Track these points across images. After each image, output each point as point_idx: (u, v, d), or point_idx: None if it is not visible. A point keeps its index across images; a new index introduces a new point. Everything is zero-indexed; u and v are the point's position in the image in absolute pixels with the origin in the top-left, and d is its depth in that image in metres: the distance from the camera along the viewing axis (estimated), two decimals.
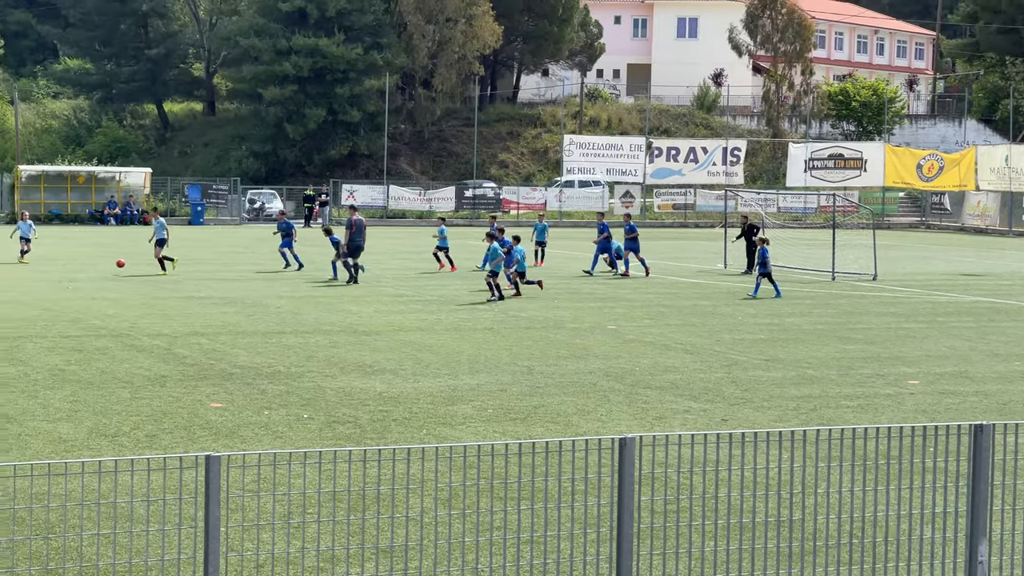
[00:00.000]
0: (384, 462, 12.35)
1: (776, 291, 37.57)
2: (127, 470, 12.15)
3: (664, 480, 13.58)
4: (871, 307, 35.43)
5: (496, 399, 20.38)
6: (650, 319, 31.79)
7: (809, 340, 28.26)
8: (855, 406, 20.35)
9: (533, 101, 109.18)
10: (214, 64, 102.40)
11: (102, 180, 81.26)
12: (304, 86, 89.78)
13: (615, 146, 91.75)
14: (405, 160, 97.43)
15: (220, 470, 8.27)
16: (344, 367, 23.40)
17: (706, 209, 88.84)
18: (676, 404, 20.24)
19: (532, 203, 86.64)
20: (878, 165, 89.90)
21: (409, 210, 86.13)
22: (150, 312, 31.44)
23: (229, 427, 17.86)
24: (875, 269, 44.50)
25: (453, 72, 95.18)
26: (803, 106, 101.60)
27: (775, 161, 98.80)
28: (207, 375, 22.23)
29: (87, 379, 21.54)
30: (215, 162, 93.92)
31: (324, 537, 11.75)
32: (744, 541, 11.25)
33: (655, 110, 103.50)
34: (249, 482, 13.98)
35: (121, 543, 11.15)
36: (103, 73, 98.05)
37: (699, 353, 25.95)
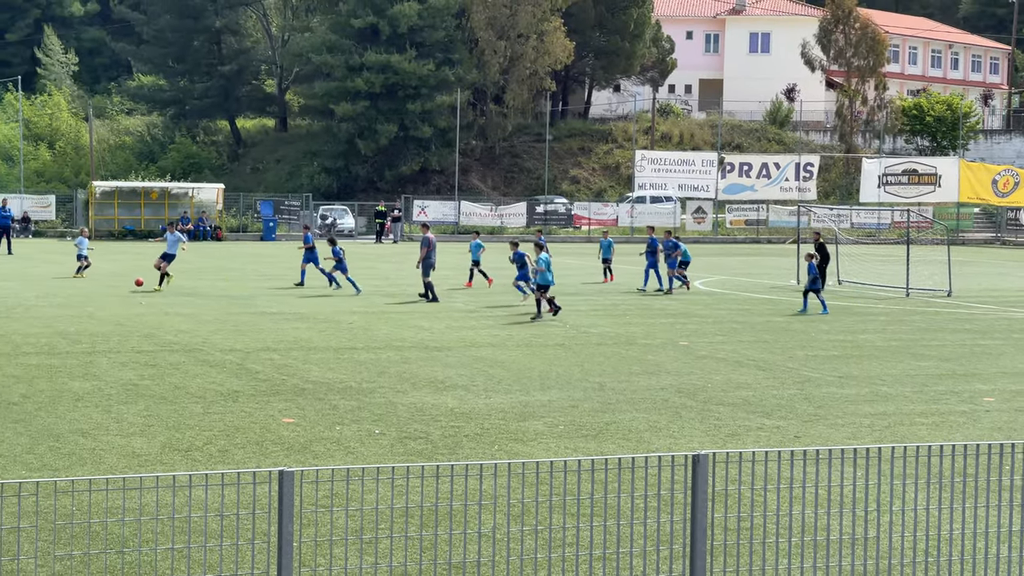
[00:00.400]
0: (456, 478, 12.34)
1: (823, 307, 37.23)
2: (201, 484, 12.23)
3: (737, 497, 13.49)
4: (946, 324, 35.08)
5: (568, 415, 20.33)
6: (722, 335, 31.63)
7: (883, 357, 28.00)
8: (930, 423, 20.14)
9: (605, 116, 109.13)
10: (286, 80, 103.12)
11: (175, 196, 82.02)
12: (376, 102, 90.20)
13: (687, 161, 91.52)
14: (476, 176, 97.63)
15: (293, 485, 8.29)
16: (416, 383, 23.43)
17: (779, 225, 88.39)
18: (749, 421, 20.10)
19: (603, 219, 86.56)
20: (952, 181, 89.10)
21: (481, 226, 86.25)
22: (223, 327, 31.65)
23: (301, 442, 17.91)
24: (950, 285, 44.06)
25: (524, 88, 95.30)
26: (877, 121, 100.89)
27: (848, 176, 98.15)
28: (279, 390, 22.33)
29: (160, 394, 21.70)
30: (287, 178, 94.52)
31: (396, 553, 11.76)
32: (818, 559, 11.16)
33: (727, 125, 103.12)
34: (321, 497, 14.02)
35: (195, 558, 11.21)
36: (176, 89, 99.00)
37: (772, 370, 25.78)
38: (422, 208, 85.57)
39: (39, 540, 12.41)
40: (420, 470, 11.90)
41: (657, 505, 11.26)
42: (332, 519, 11.19)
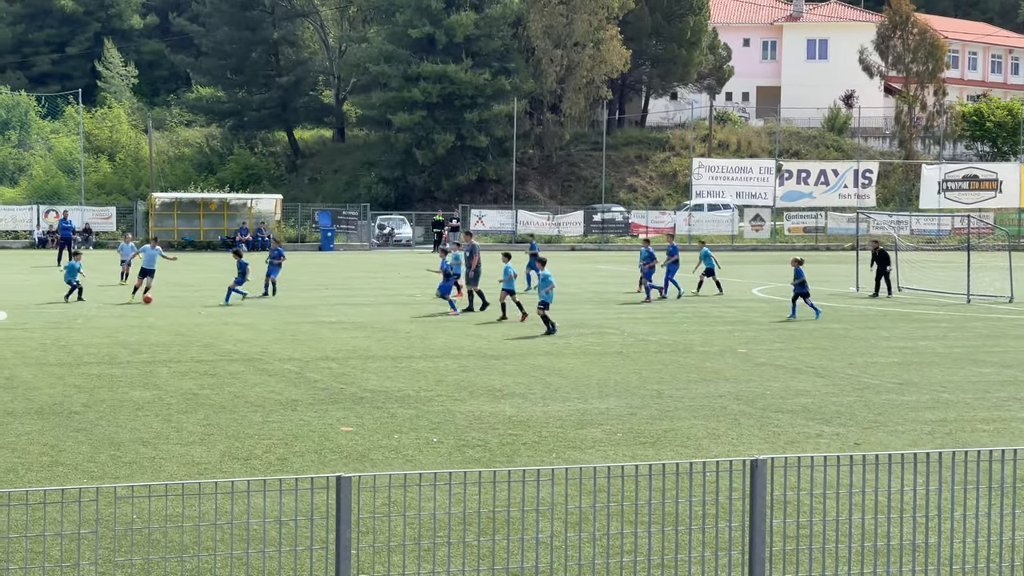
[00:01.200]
0: (514, 485, 12.34)
1: (816, 312, 36.86)
2: (259, 491, 12.27)
3: (796, 504, 13.40)
4: (1007, 330, 34.76)
5: (626, 423, 20.28)
6: (780, 342, 31.48)
7: (944, 363, 27.78)
8: (991, 430, 19.95)
9: (662, 125, 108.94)
10: (343, 91, 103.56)
11: (234, 207, 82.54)
12: (432, 112, 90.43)
13: (744, 169, 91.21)
14: (533, 185, 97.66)
15: (351, 491, 8.31)
16: (473, 391, 23.44)
17: (837, 232, 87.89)
18: (808, 428, 19.98)
19: (661, 227, 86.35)
20: (1014, 186, 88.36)
21: (538, 235, 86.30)
22: (281, 337, 31.80)
23: (360, 451, 17.96)
24: (1011, 291, 43.67)
25: (581, 96, 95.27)
26: (936, 127, 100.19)
27: (908, 183, 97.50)
28: (338, 399, 22.40)
29: (220, 403, 21.82)
30: (345, 188, 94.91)
31: (454, 560, 11.76)
32: (879, 567, 11.07)
33: (785, 132, 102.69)
34: (379, 505, 14.05)
35: (254, 565, 11.26)
36: (235, 101, 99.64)
37: (831, 376, 25.63)
38: (479, 217, 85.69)
39: (100, 548, 12.50)
40: (478, 476, 11.90)
41: (716, 512, 11.20)
42: (390, 526, 11.23)
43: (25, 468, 16.57)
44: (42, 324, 34.14)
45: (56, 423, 19.75)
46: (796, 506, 13.60)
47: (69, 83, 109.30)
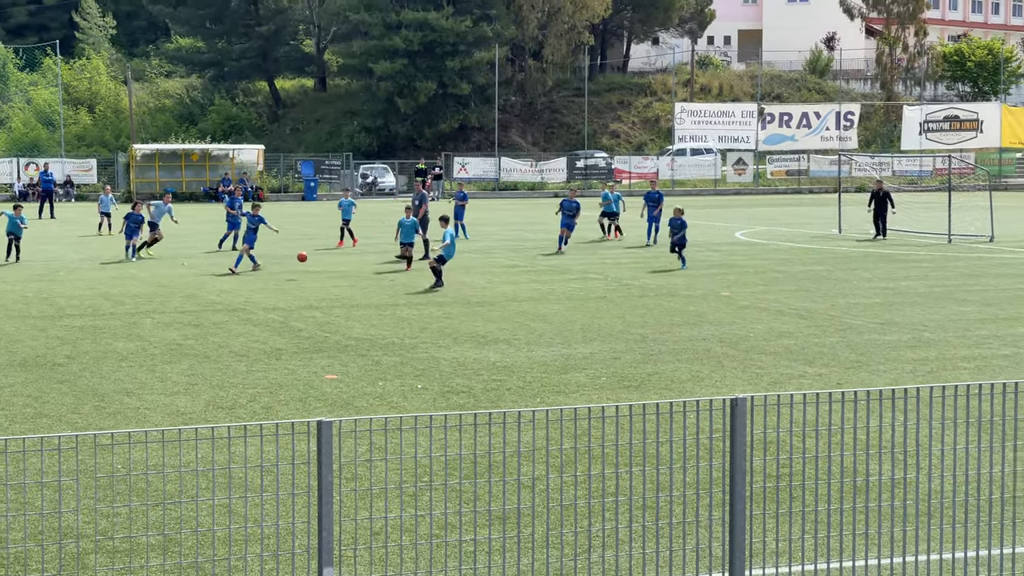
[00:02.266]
0: (496, 428, 12.39)
1: (682, 263, 35.61)
2: (240, 437, 12.32)
3: (777, 443, 13.49)
4: (988, 269, 34.88)
5: (610, 367, 20.35)
6: (764, 285, 31.56)
7: (925, 303, 27.89)
8: (972, 368, 20.06)
9: (643, 70, 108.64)
10: (324, 40, 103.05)
11: (216, 158, 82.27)
12: (414, 60, 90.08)
13: (727, 113, 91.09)
14: (516, 132, 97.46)
15: (332, 436, 8.35)
16: (458, 338, 23.49)
17: (820, 175, 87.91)
18: (791, 369, 20.08)
19: (644, 172, 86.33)
20: (994, 126, 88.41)
21: (521, 182, 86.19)
22: (265, 287, 31.80)
23: (344, 398, 18.01)
24: (992, 230, 43.81)
25: (563, 42, 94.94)
26: (917, 68, 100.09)
27: (889, 124, 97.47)
28: (322, 347, 22.44)
29: (204, 353, 21.85)
30: (327, 138, 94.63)
31: (438, 504, 11.83)
32: (859, 502, 11.16)
33: (767, 76, 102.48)
34: (364, 451, 14.11)
35: (237, 511, 11.32)
36: (214, 51, 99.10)
37: (814, 318, 25.72)
38: (462, 165, 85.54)
39: (84, 497, 12.55)
40: (459, 419, 11.96)
41: (697, 452, 11.28)
42: (371, 472, 11.26)
43: (9, 420, 16.60)
44: (24, 277, 34.08)
45: (39, 375, 19.76)
46: (776, 445, 13.69)
47: (47, 35, 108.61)
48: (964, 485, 10.85)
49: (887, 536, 10.56)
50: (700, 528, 11.19)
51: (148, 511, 12.09)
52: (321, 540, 8.47)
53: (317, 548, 8.47)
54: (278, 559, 10.54)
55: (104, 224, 49.48)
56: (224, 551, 11.03)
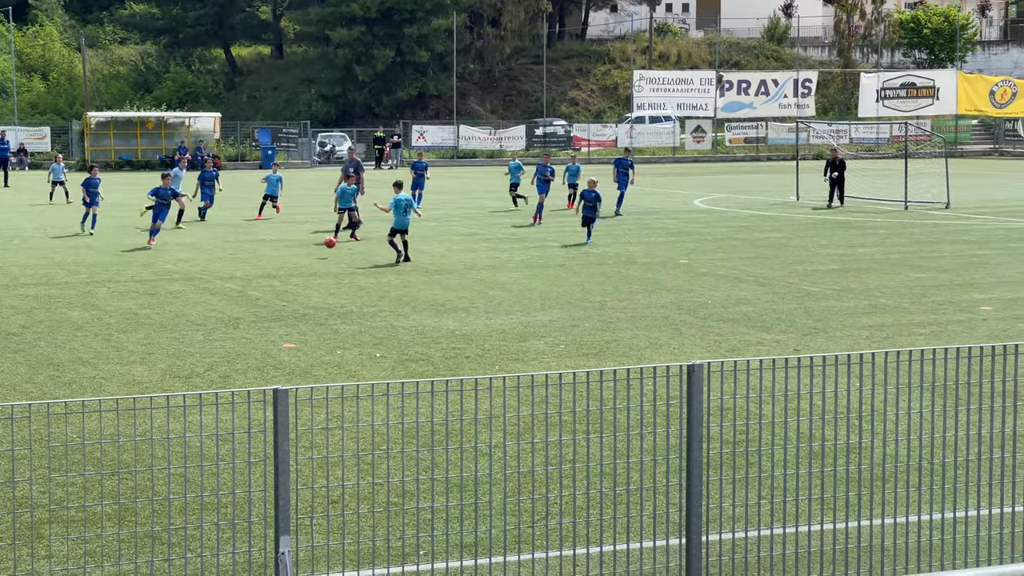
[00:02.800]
0: (453, 396, 12.39)
1: (588, 237, 33.96)
2: (196, 406, 12.26)
3: (734, 409, 13.54)
4: (944, 235, 35.08)
5: (568, 335, 20.38)
6: (722, 252, 31.65)
7: (882, 269, 28.03)
8: (928, 333, 20.20)
9: (602, 37, 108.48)
10: (281, 7, 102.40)
11: (171, 126, 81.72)
12: (372, 27, 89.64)
13: (685, 81, 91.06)
14: (475, 100, 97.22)
15: (288, 404, 8.32)
16: (416, 306, 23.47)
17: (778, 142, 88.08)
18: (749, 336, 20.16)
19: (603, 140, 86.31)
20: (951, 93, 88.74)
21: (479, 150, 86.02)
22: (222, 256, 31.66)
23: (303, 367, 17.98)
24: (948, 197, 44.05)
25: (521, 9, 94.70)
26: (874, 35, 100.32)
27: (847, 92, 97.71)
28: (280, 316, 22.37)
29: (160, 322, 21.74)
30: (284, 106, 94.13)
31: (396, 472, 11.82)
32: (815, 467, 11.22)
33: (725, 43, 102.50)
34: (321, 420, 14.09)
35: (193, 480, 11.28)
36: (169, 17, 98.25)
37: (771, 285, 25.82)
38: (421, 133, 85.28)
39: (39, 466, 12.48)
40: (416, 387, 11.95)
41: (654, 418, 11.30)
42: (328, 440, 11.23)
43: None
44: None
45: None
46: (734, 411, 13.75)
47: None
48: (919, 449, 10.94)
49: (843, 500, 10.63)
50: (658, 494, 11.23)
51: (103, 481, 12.04)
52: (278, 509, 8.44)
53: (274, 517, 8.44)
54: (235, 528, 10.52)
55: (58, 192, 49.23)
56: (180, 520, 11.00)
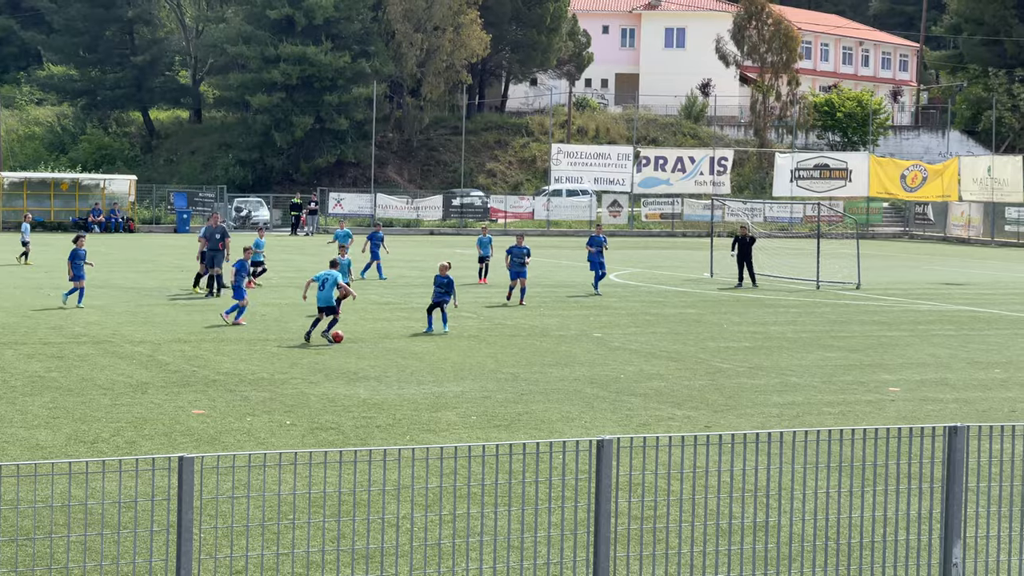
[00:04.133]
0: (362, 464, 12.30)
1: (444, 324, 30.33)
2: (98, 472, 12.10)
3: (643, 485, 13.55)
4: (854, 315, 35.47)
5: (480, 406, 20.34)
6: (636, 327, 31.78)
7: (793, 348, 28.26)
8: (837, 413, 20.36)
9: (521, 110, 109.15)
10: (201, 71, 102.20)
11: (86, 187, 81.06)
12: (292, 94, 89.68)
13: (603, 155, 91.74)
14: (393, 169, 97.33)
15: (194, 471, 8.23)
16: (328, 374, 23.35)
17: (693, 219, 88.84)
18: (660, 411, 20.21)
19: (520, 212, 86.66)
20: (863, 175, 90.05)
21: (397, 218, 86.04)
22: (133, 319, 31.35)
23: (211, 433, 17.79)
24: (859, 278, 44.57)
25: (441, 80, 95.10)
26: (789, 116, 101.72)
27: (761, 171, 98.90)
28: (190, 382, 22.16)
29: (67, 386, 21.45)
30: (201, 170, 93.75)
31: (302, 543, 11.70)
32: (722, 544, 11.23)
33: (643, 119, 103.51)
34: (228, 488, 13.93)
35: (95, 548, 11.09)
36: (88, 80, 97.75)
37: (684, 360, 25.94)
38: (338, 201, 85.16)
39: None
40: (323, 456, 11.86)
41: (562, 492, 11.27)
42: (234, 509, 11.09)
43: None
44: None
45: None
46: (642, 487, 13.75)
47: None
48: (826, 529, 10.98)
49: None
50: (565, 569, 11.18)
51: (1, 547, 11.80)
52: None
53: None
54: None
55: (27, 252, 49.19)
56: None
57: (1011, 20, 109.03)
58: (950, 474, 9.39)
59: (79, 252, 34.42)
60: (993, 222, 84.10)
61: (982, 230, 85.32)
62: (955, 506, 9.43)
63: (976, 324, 33.91)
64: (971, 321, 34.64)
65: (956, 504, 9.41)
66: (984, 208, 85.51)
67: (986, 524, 11.87)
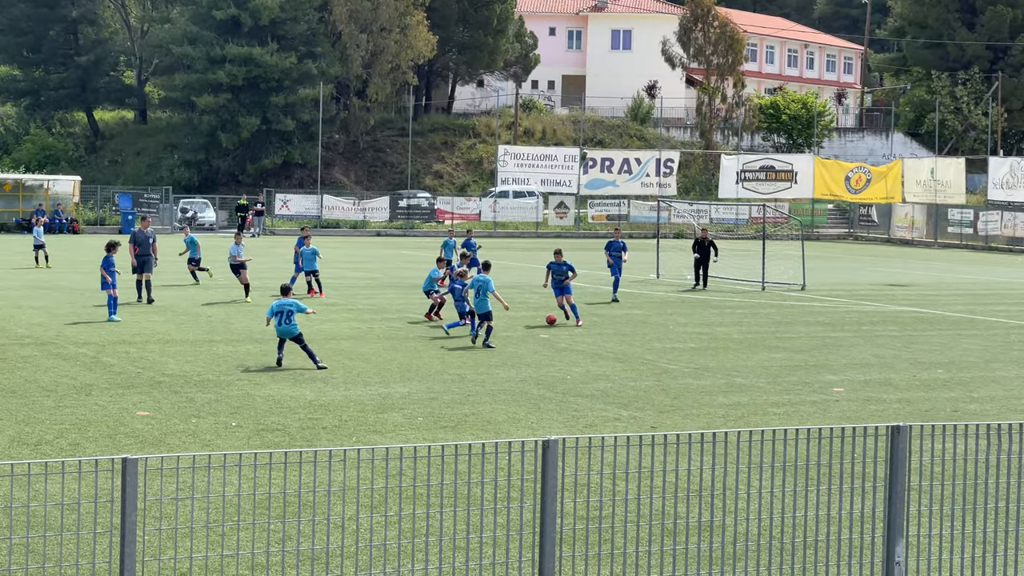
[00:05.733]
0: (308, 466, 12.28)
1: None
2: (41, 474, 12.01)
3: (588, 485, 13.58)
4: (799, 316, 35.68)
5: (427, 407, 20.33)
6: (582, 328, 31.83)
7: (738, 349, 28.40)
8: (782, 413, 20.48)
9: (468, 112, 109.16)
10: (146, 72, 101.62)
11: (30, 188, 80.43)
12: (238, 95, 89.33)
13: (549, 157, 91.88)
14: (339, 170, 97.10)
15: (137, 473, 8.18)
16: (274, 375, 23.28)
17: (640, 220, 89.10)
18: (607, 412, 20.27)
19: (467, 213, 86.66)
20: (808, 177, 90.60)
21: (343, 220, 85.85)
22: (77, 320, 31.14)
23: (156, 435, 17.70)
24: (804, 279, 44.83)
25: (387, 82, 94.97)
26: (735, 118, 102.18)
27: (707, 173, 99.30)
28: (134, 383, 22.03)
29: (10, 388, 21.28)
30: (147, 171, 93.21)
31: (246, 544, 11.66)
32: (667, 544, 11.27)
33: (589, 121, 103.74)
34: (172, 490, 13.86)
35: (37, 550, 11.02)
36: (31, 80, 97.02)
37: (630, 362, 26.02)
38: (284, 202, 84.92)
39: None
40: (269, 457, 11.82)
41: (508, 493, 11.29)
42: (178, 510, 11.03)
43: None
44: None
45: None
46: (588, 487, 13.78)
47: None
48: (770, 529, 11.04)
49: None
50: (511, 570, 11.20)
51: None
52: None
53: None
54: None
55: (40, 256, 48.17)
56: None
57: (954, 23, 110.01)
58: (893, 473, 9.47)
59: (111, 259, 33.10)
60: (936, 224, 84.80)
61: (925, 231, 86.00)
62: (898, 505, 9.51)
63: (919, 325, 34.19)
64: (914, 322, 34.92)
65: (899, 503, 9.50)
66: (927, 210, 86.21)
67: (928, 523, 11.98)
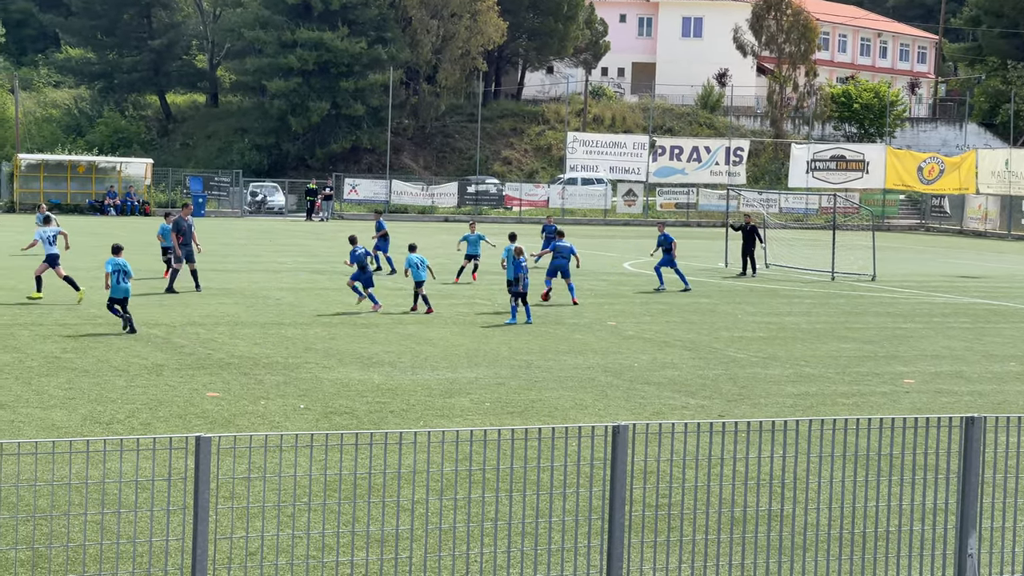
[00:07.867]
0: (377, 448, 12.31)
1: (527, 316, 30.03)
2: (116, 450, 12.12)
3: (657, 473, 13.56)
4: (869, 307, 35.41)
5: (494, 393, 20.35)
6: (650, 316, 31.76)
7: (807, 339, 28.23)
8: (851, 404, 20.34)
9: (537, 98, 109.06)
10: (218, 56, 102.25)
11: (102, 170, 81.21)
12: (308, 79, 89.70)
13: (618, 144, 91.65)
14: (408, 155, 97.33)
15: (211, 452, 8.24)
16: (342, 359, 23.37)
17: (708, 208, 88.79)
18: (674, 400, 20.21)
19: (535, 200, 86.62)
20: (879, 167, 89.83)
21: (412, 205, 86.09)
22: (148, 302, 31.41)
23: (225, 416, 17.83)
24: (874, 270, 44.48)
25: (457, 68, 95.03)
26: (806, 107, 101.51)
27: (777, 162, 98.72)
28: (204, 365, 22.20)
29: (83, 367, 21.51)
30: (217, 154, 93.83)
31: (316, 525, 11.73)
32: (736, 533, 11.23)
33: (659, 109, 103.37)
34: (243, 470, 13.96)
35: (110, 527, 11.13)
36: (105, 63, 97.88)
37: (698, 350, 25.92)
38: (353, 187, 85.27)
39: None
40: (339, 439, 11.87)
41: (577, 479, 11.28)
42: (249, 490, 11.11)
43: None
44: None
45: None
46: (657, 474, 13.75)
47: None
48: (839, 519, 10.98)
49: (763, 568, 10.64)
50: (578, 556, 11.19)
51: (18, 526, 11.84)
52: (195, 559, 8.34)
53: (191, 567, 8.34)
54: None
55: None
56: (95, 568, 10.84)
57: None
58: (966, 465, 9.38)
59: None
60: (1010, 216, 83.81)
61: (999, 223, 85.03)
62: (971, 497, 9.42)
63: (992, 317, 33.84)
64: (987, 314, 34.56)
65: (972, 495, 9.41)
66: (1001, 201, 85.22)
67: (1002, 516, 11.85)
